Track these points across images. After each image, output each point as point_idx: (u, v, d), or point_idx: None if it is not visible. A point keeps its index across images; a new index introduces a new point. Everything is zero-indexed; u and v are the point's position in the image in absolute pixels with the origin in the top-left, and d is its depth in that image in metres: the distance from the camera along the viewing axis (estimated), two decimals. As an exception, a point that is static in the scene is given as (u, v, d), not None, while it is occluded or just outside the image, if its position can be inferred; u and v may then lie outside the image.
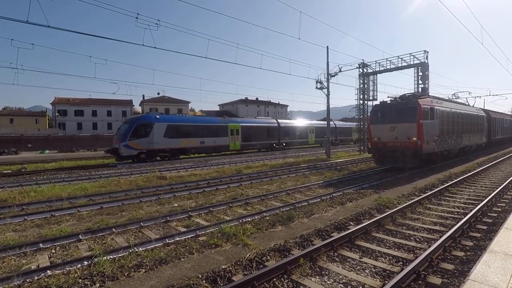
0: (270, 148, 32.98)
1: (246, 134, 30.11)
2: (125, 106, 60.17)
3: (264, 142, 32.44)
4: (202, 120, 27.80)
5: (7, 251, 5.20)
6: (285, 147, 34.34)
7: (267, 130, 32.88)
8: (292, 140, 36.09)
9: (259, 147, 31.90)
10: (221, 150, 27.70)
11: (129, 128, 21.11)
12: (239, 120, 31.69)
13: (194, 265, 4.63)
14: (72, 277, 4.18)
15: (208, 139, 26.08)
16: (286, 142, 34.93)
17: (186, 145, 24.28)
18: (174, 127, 23.50)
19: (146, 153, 21.65)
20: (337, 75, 23.64)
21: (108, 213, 7.96)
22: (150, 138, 21.73)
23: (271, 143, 33.12)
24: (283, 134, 34.52)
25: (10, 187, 11.98)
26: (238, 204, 8.59)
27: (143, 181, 12.59)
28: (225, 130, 27.93)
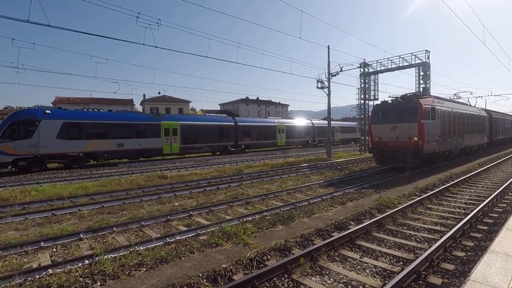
0: (225, 151, 27.51)
1: (188, 135, 24.56)
2: (126, 105, 60.12)
3: (215, 144, 26.59)
4: (120, 117, 21.44)
5: (9, 250, 5.22)
6: (244, 149, 29.20)
7: (220, 129, 27.12)
8: (254, 142, 30.57)
9: (206, 149, 26.25)
10: (150, 154, 22.36)
11: (1, 127, 15.98)
12: (179, 117, 26.23)
13: (194, 264, 4.64)
14: (73, 276, 4.19)
15: (129, 141, 20.68)
16: (246, 143, 29.49)
17: (95, 149, 18.98)
18: (74, 125, 18.28)
19: (28, 160, 16.43)
20: (338, 74, 23.64)
21: (109, 212, 7.98)
22: (35, 140, 16.53)
23: (225, 145, 27.38)
24: (241, 135, 29.06)
25: (11, 186, 12.01)
26: (239, 203, 8.59)
27: (144, 180, 12.61)
28: (157, 129, 22.39)
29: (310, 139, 38.51)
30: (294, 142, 36.42)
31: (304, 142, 37.66)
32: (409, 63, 22.91)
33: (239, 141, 29.01)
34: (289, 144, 35.52)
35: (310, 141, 38.37)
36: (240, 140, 29.05)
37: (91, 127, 19.08)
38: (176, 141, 23.76)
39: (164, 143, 22.90)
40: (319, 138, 39.07)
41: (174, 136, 23.64)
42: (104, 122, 19.84)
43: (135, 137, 21.16)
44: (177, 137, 23.79)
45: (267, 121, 33.73)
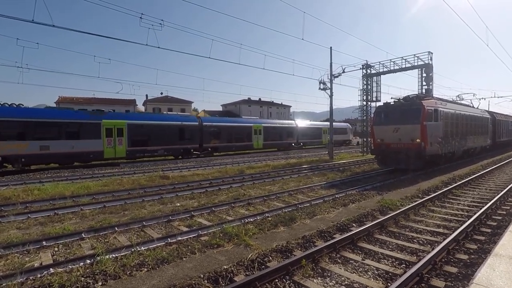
0: (187, 154, 24.97)
1: (138, 136, 21.60)
2: (128, 105, 60.33)
3: (173, 146, 23.59)
4: (43, 114, 18.04)
5: (11, 249, 5.24)
6: (210, 152, 26.59)
7: (180, 130, 24.23)
8: (223, 144, 27.52)
9: (162, 153, 23.09)
10: (87, 159, 19.39)
11: None
12: (125, 115, 23.12)
13: (196, 265, 4.62)
14: (74, 275, 4.19)
15: (57, 143, 17.71)
16: (213, 146, 26.73)
17: (8, 152, 15.98)
18: None
19: None
20: (340, 76, 23.61)
21: (110, 212, 7.99)
22: None
23: (186, 147, 24.43)
24: (208, 136, 26.21)
25: (14, 185, 12.06)
26: (240, 204, 8.58)
27: (146, 181, 12.62)
28: (96, 129, 19.40)
29: (293, 141, 34.91)
30: (274, 145, 32.86)
31: (286, 144, 33.95)
32: (412, 64, 22.84)
33: (205, 143, 25.90)
34: (267, 146, 31.89)
35: (294, 143, 34.86)
36: (206, 142, 25.97)
37: (2, 125, 15.96)
38: (122, 143, 20.61)
39: (106, 145, 19.84)
40: (304, 140, 36.51)
41: (119, 138, 20.52)
42: (19, 120, 16.55)
43: (65, 138, 18.07)
44: (123, 139, 20.64)
45: (241, 121, 30.57)
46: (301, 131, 36.45)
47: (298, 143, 35.85)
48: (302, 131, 36.60)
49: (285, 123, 35.99)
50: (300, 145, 36.05)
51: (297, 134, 35.63)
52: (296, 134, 35.55)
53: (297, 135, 35.68)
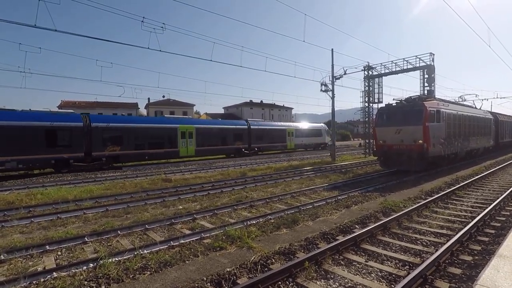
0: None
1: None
2: (130, 109, 60.58)
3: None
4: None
5: (14, 253, 5.25)
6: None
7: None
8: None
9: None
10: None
11: None
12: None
13: (199, 267, 4.62)
14: (77, 279, 4.20)
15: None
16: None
17: None
18: None
19: None
20: (342, 77, 23.62)
21: (113, 215, 8.01)
22: None
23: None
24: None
25: (17, 189, 12.12)
26: (243, 206, 8.57)
27: (148, 184, 12.65)
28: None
29: (243, 145, 28.52)
30: (211, 151, 26.44)
31: (233, 150, 27.94)
32: (414, 66, 22.82)
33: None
34: (201, 153, 25.42)
35: (244, 148, 28.62)
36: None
37: None
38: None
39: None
40: (260, 144, 30.02)
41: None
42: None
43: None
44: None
45: (160, 121, 24.43)
46: (256, 133, 29.97)
47: (252, 148, 29.36)
48: (257, 133, 30.13)
49: (232, 124, 29.12)
50: (254, 150, 29.69)
51: (249, 136, 29.06)
52: (248, 137, 28.97)
53: (250, 138, 29.18)
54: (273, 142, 31.94)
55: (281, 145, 32.77)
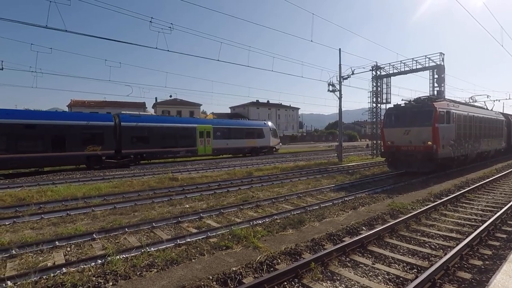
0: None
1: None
2: (138, 108, 61.06)
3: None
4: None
5: (25, 248, 5.36)
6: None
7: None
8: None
9: None
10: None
11: None
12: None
13: (205, 266, 4.64)
14: (86, 275, 4.26)
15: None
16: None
17: None
18: None
19: None
20: (349, 77, 23.44)
21: (121, 213, 8.10)
22: None
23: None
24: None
25: (28, 186, 12.36)
26: (249, 206, 8.58)
27: (156, 182, 12.76)
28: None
29: (105, 151, 19.38)
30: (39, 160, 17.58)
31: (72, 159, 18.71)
32: (423, 65, 22.52)
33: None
34: None
35: (105, 156, 19.51)
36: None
37: None
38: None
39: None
40: (141, 148, 21.25)
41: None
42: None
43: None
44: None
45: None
46: (133, 133, 20.98)
47: (123, 155, 20.35)
48: (136, 133, 21.16)
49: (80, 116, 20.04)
50: (129, 158, 20.68)
51: (117, 137, 20.15)
52: (115, 138, 20.00)
53: (120, 139, 20.26)
54: (171, 146, 22.95)
55: (185, 150, 23.70)
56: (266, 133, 30.90)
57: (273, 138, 31.57)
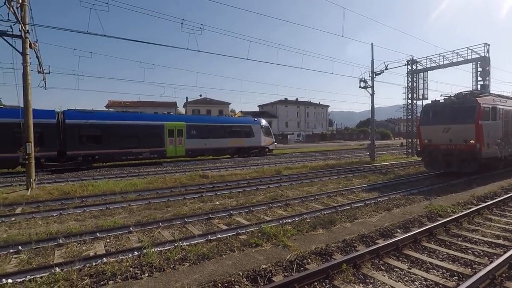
0: None
1: None
2: (169, 107, 63.36)
3: None
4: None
5: (70, 238, 5.78)
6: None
7: None
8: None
9: None
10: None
11: None
12: None
13: (235, 262, 4.71)
14: (124, 266, 4.50)
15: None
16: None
17: None
18: None
19: None
20: (382, 73, 22.48)
21: (155, 208, 8.45)
22: None
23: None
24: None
25: (72, 181, 13.31)
26: (278, 205, 8.57)
27: (187, 179, 13.15)
28: None
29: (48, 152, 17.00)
30: None
31: None
32: (465, 58, 21.00)
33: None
34: None
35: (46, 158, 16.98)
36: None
37: None
38: None
39: None
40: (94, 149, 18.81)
41: None
42: None
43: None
44: None
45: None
46: (82, 131, 18.64)
47: (68, 157, 17.93)
48: (85, 132, 18.80)
49: None
50: (77, 160, 18.21)
51: (61, 137, 17.91)
52: (57, 137, 17.72)
53: (65, 139, 17.94)
54: (132, 146, 20.17)
55: (150, 151, 20.91)
56: (256, 131, 27.25)
57: (265, 137, 27.87)
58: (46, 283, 3.99)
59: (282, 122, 71.79)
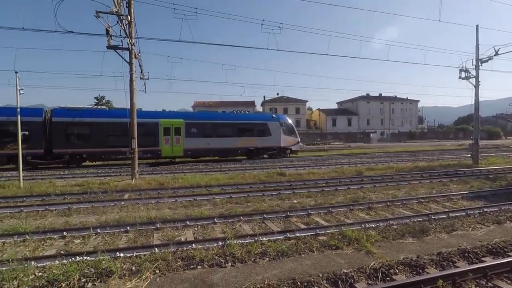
0: None
1: None
2: (248, 107, 66.12)
3: None
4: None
5: (165, 224, 6.58)
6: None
7: None
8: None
9: None
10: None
11: None
12: None
13: (314, 263, 4.63)
14: (210, 253, 4.89)
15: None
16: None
17: None
18: None
19: None
20: (491, 59, 18.90)
21: (236, 202, 8.94)
22: None
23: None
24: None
25: (166, 173, 15.14)
26: (359, 207, 8.08)
27: (265, 177, 13.52)
28: None
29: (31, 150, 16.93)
30: None
31: None
32: None
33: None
34: None
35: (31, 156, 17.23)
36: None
37: None
38: None
39: None
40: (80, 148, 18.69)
41: None
42: None
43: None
44: None
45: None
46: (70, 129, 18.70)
47: (54, 155, 18.13)
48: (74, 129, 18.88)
49: None
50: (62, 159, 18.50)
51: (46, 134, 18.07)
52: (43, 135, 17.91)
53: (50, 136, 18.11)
54: (121, 145, 18.65)
55: (143, 151, 18.78)
56: (274, 129, 23.83)
57: (286, 136, 24.18)
58: (148, 260, 4.62)
59: (363, 120, 67.35)
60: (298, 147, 25.36)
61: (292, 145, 24.64)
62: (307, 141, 55.48)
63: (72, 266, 4.27)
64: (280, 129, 23.95)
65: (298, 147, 25.38)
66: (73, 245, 5.64)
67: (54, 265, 4.42)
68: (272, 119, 24.52)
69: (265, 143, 23.60)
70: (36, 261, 4.58)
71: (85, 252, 4.91)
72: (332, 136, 60.68)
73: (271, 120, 24.30)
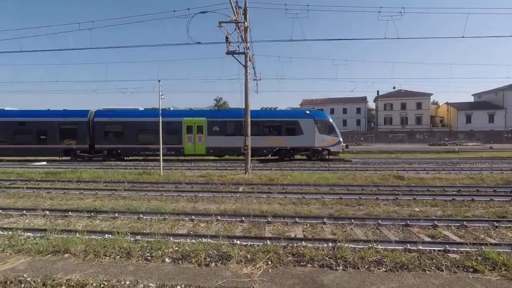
0: None
1: None
2: (359, 103, 62.10)
3: None
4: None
5: (276, 218, 6.88)
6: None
7: None
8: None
9: None
10: None
11: None
12: None
13: (443, 283, 3.95)
14: (320, 253, 4.81)
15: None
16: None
17: None
18: None
19: None
20: None
21: (346, 204, 8.52)
22: None
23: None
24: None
25: (275, 170, 15.85)
26: (508, 225, 6.42)
27: (379, 179, 12.40)
28: None
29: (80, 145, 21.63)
30: None
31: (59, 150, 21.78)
32: None
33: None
34: None
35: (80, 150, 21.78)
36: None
37: None
38: None
39: None
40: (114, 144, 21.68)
41: None
42: None
43: None
44: None
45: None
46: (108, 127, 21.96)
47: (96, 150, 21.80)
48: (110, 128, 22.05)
49: None
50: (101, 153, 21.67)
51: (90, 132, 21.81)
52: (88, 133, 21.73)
53: (93, 134, 21.76)
54: (149, 142, 20.77)
55: (167, 148, 20.02)
56: (307, 127, 21.31)
57: (321, 135, 21.29)
58: (262, 251, 4.92)
59: (512, 115, 53.22)
60: (339, 148, 21.86)
61: (330, 146, 21.58)
62: (430, 140, 47.93)
63: (200, 246, 4.98)
64: (315, 127, 21.41)
65: (339, 148, 21.88)
66: (199, 228, 6.57)
67: (186, 243, 5.25)
68: (305, 116, 21.95)
69: (296, 142, 21.54)
70: (173, 237, 5.56)
71: (208, 235, 5.65)
72: (465, 135, 50.58)
73: (303, 117, 21.84)
